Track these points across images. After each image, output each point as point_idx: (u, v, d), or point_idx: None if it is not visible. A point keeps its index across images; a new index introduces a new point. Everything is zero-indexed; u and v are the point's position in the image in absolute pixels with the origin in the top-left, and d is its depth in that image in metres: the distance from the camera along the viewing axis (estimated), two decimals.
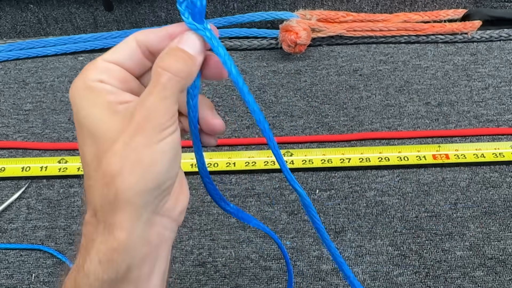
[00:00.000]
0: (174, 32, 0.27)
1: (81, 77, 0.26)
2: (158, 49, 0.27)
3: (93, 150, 0.25)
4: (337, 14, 0.61)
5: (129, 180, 0.24)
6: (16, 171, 0.51)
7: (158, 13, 0.65)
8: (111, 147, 0.24)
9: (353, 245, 0.45)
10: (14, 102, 0.58)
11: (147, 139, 0.24)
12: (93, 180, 0.25)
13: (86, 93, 0.26)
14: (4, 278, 0.44)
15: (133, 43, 0.27)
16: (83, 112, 0.26)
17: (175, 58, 0.26)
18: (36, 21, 0.66)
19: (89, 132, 0.25)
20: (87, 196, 0.26)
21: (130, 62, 0.27)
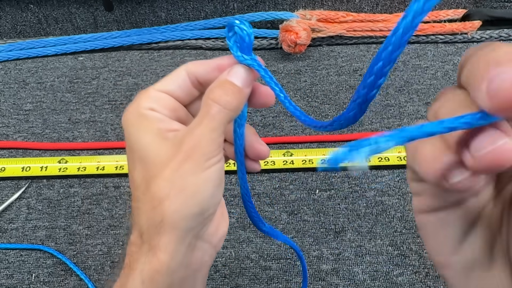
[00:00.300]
0: (223, 64, 0.28)
1: (134, 105, 0.28)
2: (207, 79, 0.28)
3: (143, 174, 0.26)
4: (337, 14, 0.61)
5: (176, 204, 0.25)
6: (16, 171, 0.51)
7: (158, 13, 0.65)
8: (160, 173, 0.25)
9: (353, 245, 0.45)
10: (14, 102, 0.58)
11: (194, 167, 0.25)
12: (141, 202, 0.26)
13: (138, 120, 0.27)
14: (4, 278, 0.44)
15: (183, 74, 0.29)
16: (135, 137, 0.27)
17: (224, 90, 0.26)
18: (36, 21, 0.67)
19: (139, 157, 0.27)
20: (134, 217, 0.27)
21: (180, 91, 0.29)
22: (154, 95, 0.28)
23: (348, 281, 0.43)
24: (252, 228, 0.46)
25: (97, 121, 0.56)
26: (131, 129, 0.27)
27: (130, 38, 0.63)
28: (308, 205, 0.48)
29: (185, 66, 0.29)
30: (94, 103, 0.57)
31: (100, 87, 0.59)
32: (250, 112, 0.56)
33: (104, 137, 0.54)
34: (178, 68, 0.29)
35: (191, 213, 0.25)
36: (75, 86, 0.59)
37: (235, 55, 0.27)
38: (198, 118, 0.26)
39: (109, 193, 0.50)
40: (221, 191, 0.27)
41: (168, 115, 0.28)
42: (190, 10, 0.65)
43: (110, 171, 0.51)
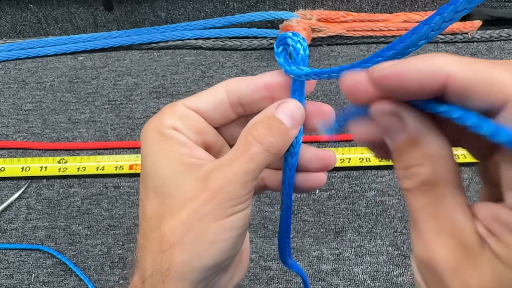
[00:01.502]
0: (271, 83, 0.25)
1: (156, 119, 0.24)
2: (250, 100, 0.25)
3: (155, 207, 0.23)
4: (337, 14, 0.61)
5: (187, 254, 0.22)
6: (16, 171, 0.51)
7: (158, 13, 0.65)
8: (177, 212, 0.22)
9: (353, 245, 0.45)
10: (14, 102, 0.58)
11: (217, 212, 0.22)
12: (148, 241, 0.23)
13: (158, 140, 0.24)
14: (4, 278, 0.44)
15: (222, 93, 0.25)
16: (151, 159, 0.24)
17: (270, 130, 0.23)
18: (36, 21, 0.66)
19: (154, 186, 0.23)
20: (138, 255, 0.24)
21: (213, 111, 0.25)
22: (181, 112, 0.24)
23: (348, 281, 0.43)
24: (252, 228, 0.46)
25: (97, 121, 0.55)
26: (148, 149, 0.24)
27: (130, 38, 0.63)
28: (308, 205, 0.48)
29: (225, 83, 0.25)
30: (94, 103, 0.57)
31: (100, 87, 0.59)
32: None
33: (104, 137, 0.54)
34: (217, 85, 0.25)
35: (203, 265, 0.22)
36: (74, 86, 0.59)
37: (288, 70, 0.24)
38: (233, 153, 0.23)
39: (109, 193, 0.49)
40: (243, 241, 0.24)
41: (193, 138, 0.24)
42: (190, 10, 0.65)
43: (110, 171, 0.51)
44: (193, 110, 0.25)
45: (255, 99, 0.25)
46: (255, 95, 0.25)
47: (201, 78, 0.59)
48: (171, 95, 0.57)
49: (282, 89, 0.25)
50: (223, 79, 0.59)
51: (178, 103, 0.25)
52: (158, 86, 0.58)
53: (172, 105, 0.25)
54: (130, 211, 0.48)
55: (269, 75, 0.25)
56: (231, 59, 0.61)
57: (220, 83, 0.25)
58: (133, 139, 0.54)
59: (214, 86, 0.25)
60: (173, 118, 0.24)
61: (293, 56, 0.24)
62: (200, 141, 0.25)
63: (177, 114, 0.24)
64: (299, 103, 0.24)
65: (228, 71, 0.60)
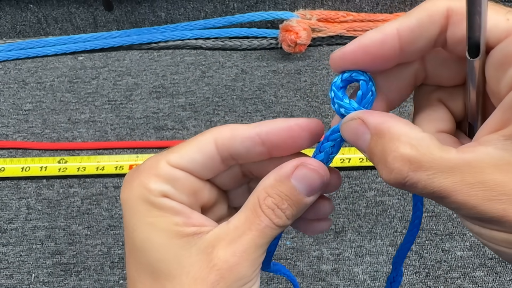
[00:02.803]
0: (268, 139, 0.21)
1: (139, 183, 0.21)
2: (245, 157, 0.22)
3: (151, 286, 0.20)
4: (337, 14, 0.61)
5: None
6: (16, 171, 0.51)
7: (158, 13, 0.65)
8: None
9: (353, 245, 0.45)
10: (13, 102, 0.58)
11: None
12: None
13: (147, 210, 0.20)
14: (4, 278, 0.44)
15: (211, 147, 0.21)
16: (144, 234, 0.20)
17: (283, 199, 0.20)
18: (36, 21, 0.66)
19: (149, 264, 0.20)
20: None
21: (202, 168, 0.22)
22: (168, 173, 0.21)
23: (348, 281, 0.43)
24: None
25: (97, 121, 0.55)
26: (137, 222, 0.21)
27: (130, 38, 0.63)
28: None
29: (214, 135, 0.21)
30: (94, 103, 0.57)
31: (100, 87, 0.59)
32: (250, 112, 0.56)
33: (103, 137, 0.54)
34: (205, 137, 0.22)
35: None
36: (74, 86, 0.59)
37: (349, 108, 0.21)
38: (241, 222, 0.20)
39: (109, 193, 0.49)
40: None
41: (186, 202, 0.21)
42: (190, 10, 0.65)
43: (109, 171, 0.51)
44: (181, 170, 0.21)
45: (250, 156, 0.22)
46: (251, 152, 0.22)
47: (201, 78, 0.59)
48: (171, 95, 0.57)
49: (283, 146, 0.22)
50: (223, 79, 0.59)
51: (161, 161, 0.21)
52: (158, 86, 0.58)
53: (155, 163, 0.21)
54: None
55: (266, 127, 0.21)
56: (231, 59, 0.61)
57: (208, 134, 0.22)
58: (133, 139, 0.54)
59: (201, 137, 0.22)
60: (160, 181, 0.21)
61: (358, 96, 0.22)
62: (194, 203, 0.22)
63: (164, 177, 0.21)
64: (323, 167, 0.21)
65: (228, 71, 0.60)
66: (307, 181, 0.21)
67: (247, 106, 0.56)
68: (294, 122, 0.22)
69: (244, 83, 0.58)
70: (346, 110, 0.22)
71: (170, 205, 0.21)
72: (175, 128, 0.54)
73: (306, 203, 0.21)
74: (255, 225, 0.20)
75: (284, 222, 0.21)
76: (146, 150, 0.52)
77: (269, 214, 0.20)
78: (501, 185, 0.16)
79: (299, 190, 0.21)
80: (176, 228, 0.20)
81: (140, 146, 0.53)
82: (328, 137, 0.22)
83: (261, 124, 0.22)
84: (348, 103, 0.22)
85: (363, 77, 0.22)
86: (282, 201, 0.20)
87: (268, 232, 0.20)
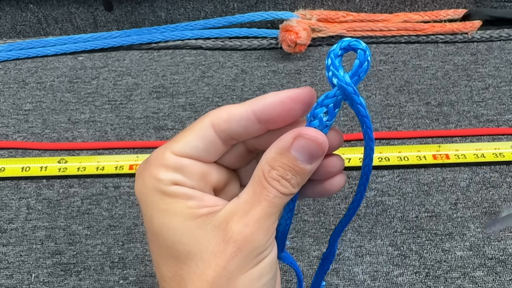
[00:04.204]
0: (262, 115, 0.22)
1: (149, 176, 0.22)
2: (245, 135, 0.23)
3: (174, 268, 0.21)
4: (337, 14, 0.61)
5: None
6: (16, 171, 0.51)
7: (158, 13, 0.65)
8: (202, 271, 0.21)
9: (353, 245, 0.45)
10: (13, 102, 0.58)
11: (244, 264, 0.21)
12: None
13: (161, 199, 0.21)
14: (4, 278, 0.44)
15: (210, 132, 0.22)
16: (160, 220, 0.22)
17: (286, 170, 0.21)
18: (36, 21, 0.66)
19: (169, 246, 0.21)
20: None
21: (206, 153, 0.23)
22: (176, 163, 0.22)
23: (348, 281, 0.43)
24: None
25: (97, 121, 0.56)
26: (153, 210, 0.22)
27: (130, 38, 0.63)
28: (308, 205, 0.48)
29: (211, 119, 0.22)
30: (94, 103, 0.57)
31: (100, 87, 0.59)
32: None
33: (104, 137, 0.54)
34: (203, 122, 0.22)
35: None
36: (74, 86, 0.59)
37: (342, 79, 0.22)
38: (250, 195, 0.21)
39: (109, 193, 0.49)
40: (274, 284, 0.22)
41: (197, 187, 0.22)
42: (190, 10, 0.65)
43: (110, 171, 0.51)
44: (187, 157, 0.22)
45: (249, 134, 0.23)
46: (249, 130, 0.23)
47: (201, 78, 0.59)
48: (171, 95, 0.57)
49: (279, 120, 0.22)
50: (223, 79, 0.59)
51: (166, 152, 0.22)
52: (158, 86, 0.58)
53: (161, 155, 0.22)
54: (130, 211, 0.48)
55: (259, 105, 0.22)
56: (231, 59, 0.61)
57: (205, 119, 0.22)
58: (133, 139, 0.54)
59: (199, 124, 0.22)
60: (169, 173, 0.22)
61: (356, 64, 0.22)
62: (205, 185, 0.23)
63: (171, 166, 0.22)
64: (321, 134, 0.22)
65: (228, 71, 0.60)
66: (306, 150, 0.21)
67: None
68: (285, 95, 0.22)
69: (244, 83, 0.58)
70: (338, 81, 0.23)
71: (182, 191, 0.22)
72: (175, 128, 0.54)
73: (310, 170, 0.22)
74: (263, 196, 0.21)
75: (291, 190, 0.22)
76: (146, 150, 0.52)
77: (275, 185, 0.21)
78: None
79: (300, 159, 0.21)
80: (190, 211, 0.21)
81: (140, 146, 0.53)
82: (321, 102, 0.23)
83: (254, 101, 0.22)
84: (342, 75, 0.23)
85: (361, 46, 0.22)
86: (286, 172, 0.21)
87: (277, 201, 0.21)
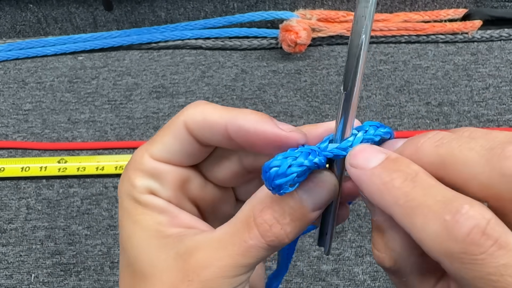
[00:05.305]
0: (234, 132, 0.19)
1: (127, 180, 0.20)
2: (220, 143, 0.20)
3: (131, 284, 0.19)
4: (337, 14, 0.61)
5: None
6: (16, 171, 0.51)
7: (158, 12, 0.65)
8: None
9: (353, 245, 0.45)
10: (13, 102, 0.58)
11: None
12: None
13: (133, 207, 0.20)
14: (4, 279, 0.44)
15: (183, 132, 0.20)
16: (128, 231, 0.20)
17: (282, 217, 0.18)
18: (36, 21, 0.66)
19: (128, 262, 0.20)
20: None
21: (182, 156, 0.20)
22: (153, 169, 0.20)
23: (349, 282, 0.43)
24: None
25: (97, 121, 0.55)
26: (124, 219, 0.20)
27: (130, 37, 0.62)
28: None
29: (184, 118, 0.20)
30: (94, 103, 0.57)
31: (100, 87, 0.59)
32: None
33: (103, 137, 0.54)
34: (176, 121, 0.20)
35: None
36: (74, 86, 0.59)
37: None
38: (226, 232, 0.18)
39: (109, 193, 0.49)
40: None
41: (173, 199, 0.20)
42: (190, 9, 0.65)
43: (109, 171, 0.51)
44: (166, 162, 0.20)
45: (227, 146, 0.20)
46: (225, 143, 0.19)
47: (201, 78, 0.59)
48: (171, 95, 0.57)
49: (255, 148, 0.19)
50: (223, 79, 0.59)
51: (144, 155, 0.20)
52: (158, 86, 0.58)
53: (139, 157, 0.20)
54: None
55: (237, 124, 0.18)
56: (231, 59, 0.61)
57: (180, 117, 0.20)
58: (133, 139, 0.54)
59: (173, 123, 0.20)
60: (145, 177, 0.20)
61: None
62: (183, 196, 0.20)
63: (148, 171, 0.20)
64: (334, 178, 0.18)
65: (228, 71, 0.60)
66: (318, 195, 0.19)
67: (247, 106, 0.56)
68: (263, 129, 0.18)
69: (244, 83, 0.58)
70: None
71: (155, 203, 0.20)
72: None
73: (310, 219, 0.19)
74: (241, 241, 0.18)
75: (281, 241, 0.18)
76: None
77: (263, 231, 0.18)
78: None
79: (306, 203, 0.18)
80: (159, 228, 0.19)
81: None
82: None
83: (232, 116, 0.19)
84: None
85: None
86: (284, 215, 0.18)
87: (254, 252, 0.18)
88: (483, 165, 0.15)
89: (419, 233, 0.15)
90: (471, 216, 0.14)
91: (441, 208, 0.15)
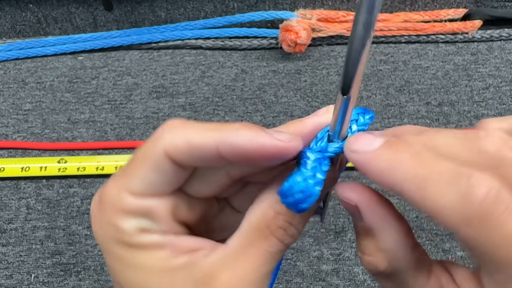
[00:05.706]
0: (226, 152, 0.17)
1: (107, 223, 0.18)
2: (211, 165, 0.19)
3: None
4: (337, 13, 0.61)
5: None
6: (16, 171, 0.51)
7: (158, 12, 0.65)
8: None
9: (353, 245, 0.45)
10: (13, 102, 0.58)
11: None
12: None
13: (125, 252, 0.18)
14: (4, 279, 0.44)
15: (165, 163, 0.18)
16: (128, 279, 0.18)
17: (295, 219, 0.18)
18: (36, 21, 0.66)
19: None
20: None
21: (167, 185, 0.18)
22: (139, 207, 0.18)
23: (349, 282, 0.43)
24: None
25: (97, 121, 0.55)
26: (116, 265, 0.18)
27: (130, 37, 0.62)
28: None
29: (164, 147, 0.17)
30: (94, 103, 0.57)
31: (100, 87, 0.59)
32: (250, 112, 0.56)
33: (103, 137, 0.54)
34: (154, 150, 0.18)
35: None
36: (74, 86, 0.59)
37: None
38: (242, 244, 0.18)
39: None
40: None
41: (169, 229, 0.18)
42: (190, 9, 0.65)
43: (109, 171, 0.50)
44: (146, 197, 0.18)
45: (217, 166, 0.19)
46: (215, 164, 0.18)
47: (201, 78, 0.59)
48: (171, 95, 0.57)
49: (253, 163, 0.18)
50: (223, 79, 0.59)
51: (122, 193, 0.18)
52: (158, 86, 0.58)
53: (116, 196, 0.18)
54: None
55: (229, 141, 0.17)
56: (231, 59, 0.61)
57: (158, 146, 0.17)
58: (133, 139, 0.54)
59: (151, 152, 0.18)
60: (131, 218, 0.18)
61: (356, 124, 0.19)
62: (177, 222, 0.19)
63: (134, 211, 0.18)
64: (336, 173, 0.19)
65: (228, 71, 0.60)
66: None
67: (247, 106, 0.56)
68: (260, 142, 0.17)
69: (244, 83, 0.58)
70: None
71: (151, 240, 0.18)
72: None
73: (315, 209, 0.20)
74: (261, 251, 0.18)
75: (296, 238, 0.19)
76: None
77: (280, 236, 0.18)
78: None
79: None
80: (164, 263, 0.18)
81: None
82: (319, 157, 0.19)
83: (222, 133, 0.17)
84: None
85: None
86: (294, 216, 0.18)
87: (276, 257, 0.18)
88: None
89: (433, 205, 0.16)
90: (484, 180, 0.15)
91: (453, 176, 0.15)
